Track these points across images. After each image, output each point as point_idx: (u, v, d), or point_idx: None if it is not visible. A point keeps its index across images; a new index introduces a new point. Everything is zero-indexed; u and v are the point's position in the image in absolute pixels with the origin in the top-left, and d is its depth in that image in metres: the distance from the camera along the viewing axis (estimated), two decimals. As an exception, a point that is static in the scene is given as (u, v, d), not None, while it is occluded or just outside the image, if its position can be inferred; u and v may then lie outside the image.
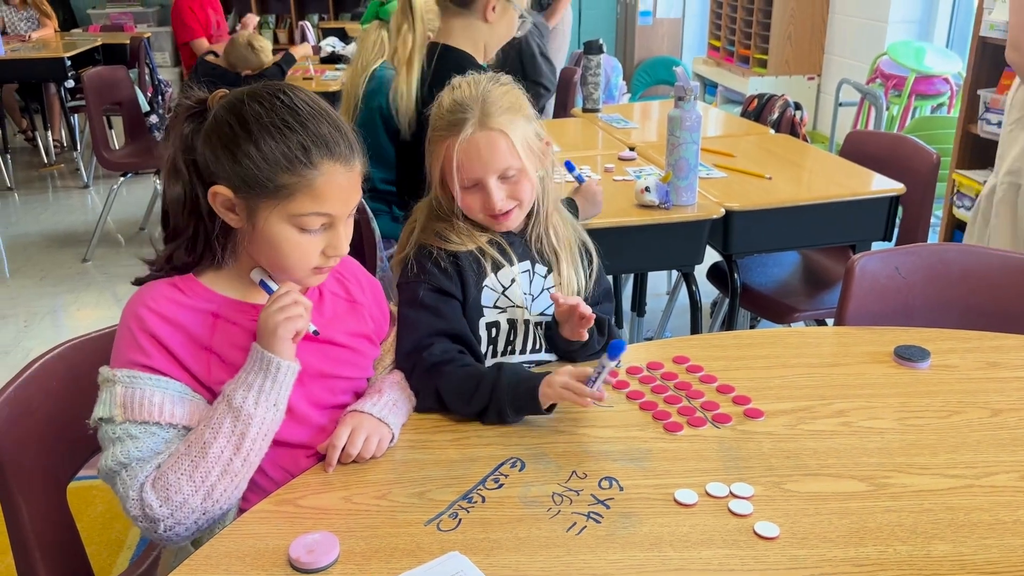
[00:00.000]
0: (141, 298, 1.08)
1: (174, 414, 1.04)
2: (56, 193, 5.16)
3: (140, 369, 1.05)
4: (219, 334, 1.09)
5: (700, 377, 1.32)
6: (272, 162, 1.04)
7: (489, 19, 1.79)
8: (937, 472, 1.09)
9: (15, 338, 3.26)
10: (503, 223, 1.34)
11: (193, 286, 1.11)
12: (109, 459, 1.03)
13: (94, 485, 2.24)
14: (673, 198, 2.05)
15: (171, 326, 1.07)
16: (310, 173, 1.05)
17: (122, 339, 1.07)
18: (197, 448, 1.02)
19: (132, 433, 1.03)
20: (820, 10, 5.19)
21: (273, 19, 7.66)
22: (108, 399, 1.04)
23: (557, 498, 1.04)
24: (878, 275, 1.57)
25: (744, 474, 1.08)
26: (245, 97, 1.07)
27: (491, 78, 1.34)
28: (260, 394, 1.04)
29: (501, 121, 1.28)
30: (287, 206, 1.05)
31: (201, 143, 1.07)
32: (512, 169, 1.30)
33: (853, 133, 2.69)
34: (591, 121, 3.09)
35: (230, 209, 1.07)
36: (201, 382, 1.08)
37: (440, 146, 1.31)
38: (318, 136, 1.05)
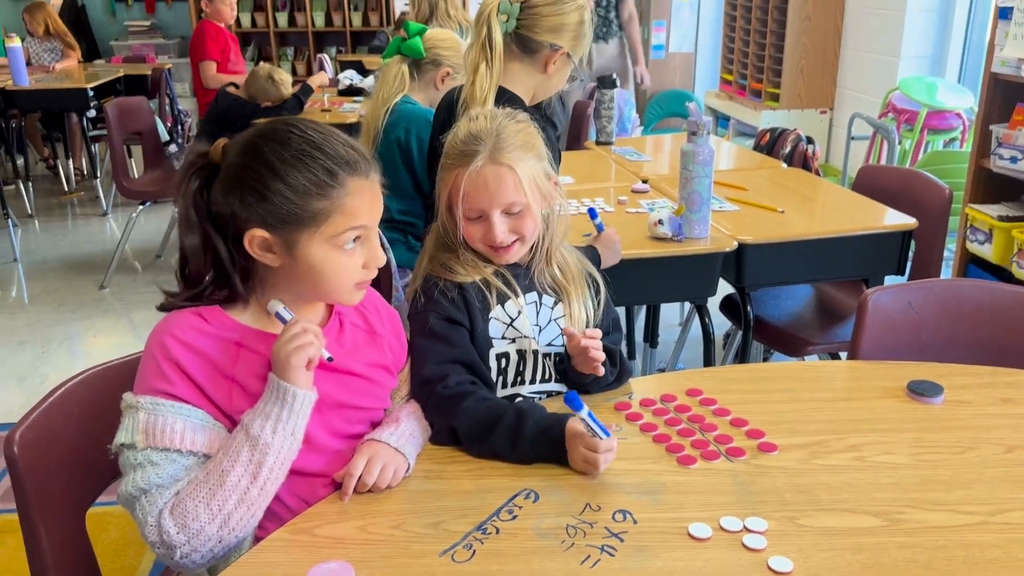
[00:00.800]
0: (166, 326, 1.11)
1: (195, 441, 1.06)
2: (75, 220, 5.23)
3: (163, 396, 1.06)
4: (241, 363, 1.11)
5: (714, 410, 1.33)
6: (303, 192, 1.07)
7: (548, 71, 1.82)
8: (952, 508, 1.09)
9: (32, 364, 3.29)
10: (503, 256, 1.37)
11: (218, 315, 1.13)
12: (129, 485, 1.05)
13: (109, 511, 2.26)
14: (686, 231, 2.07)
15: (194, 354, 1.09)
16: (339, 193, 1.09)
17: (146, 366, 1.09)
18: (215, 476, 1.04)
19: (153, 460, 1.04)
20: (832, 44, 5.23)
21: (291, 52, 7.78)
22: (130, 425, 1.06)
23: (571, 530, 1.05)
24: (891, 310, 1.58)
25: (758, 508, 1.09)
26: (257, 139, 1.10)
27: (508, 114, 1.37)
28: (277, 423, 1.06)
29: (511, 157, 1.31)
30: (324, 230, 1.09)
31: (221, 194, 1.09)
32: (517, 205, 1.33)
33: (865, 167, 2.70)
34: (604, 154, 3.11)
35: (267, 250, 1.10)
36: (223, 410, 1.10)
37: (450, 174, 1.34)
38: (338, 156, 1.10)
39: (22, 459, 1.11)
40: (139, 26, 7.75)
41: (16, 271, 4.33)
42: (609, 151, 3.13)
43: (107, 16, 7.92)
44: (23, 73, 4.93)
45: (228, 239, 1.10)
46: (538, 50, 1.79)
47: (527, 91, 1.85)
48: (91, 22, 7.85)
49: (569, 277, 1.43)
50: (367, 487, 1.11)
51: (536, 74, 1.83)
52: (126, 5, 7.90)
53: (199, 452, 1.06)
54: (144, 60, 6.45)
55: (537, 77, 1.84)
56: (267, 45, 7.55)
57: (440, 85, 2.31)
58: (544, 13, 1.76)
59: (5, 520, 2.27)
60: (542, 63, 1.81)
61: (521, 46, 1.80)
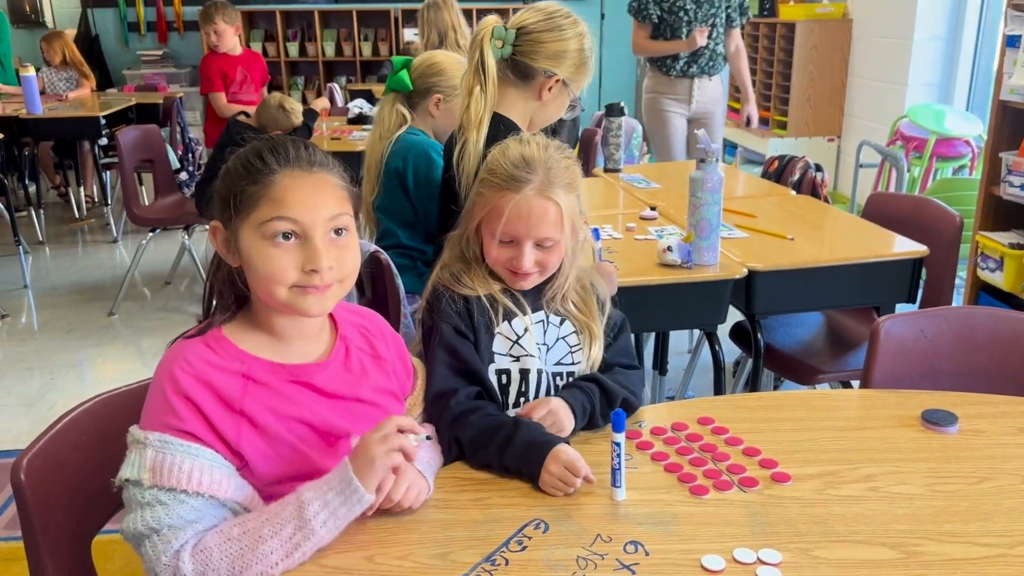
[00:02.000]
0: (174, 357, 1.09)
1: (201, 483, 1.03)
2: (86, 247, 5.25)
3: (172, 433, 1.04)
4: (249, 396, 1.09)
5: (726, 439, 1.31)
6: (235, 175, 1.09)
7: (543, 98, 1.79)
8: (969, 540, 1.07)
9: (40, 390, 3.29)
10: (520, 282, 1.37)
11: (223, 345, 1.12)
12: (138, 523, 1.02)
13: (114, 539, 2.22)
14: (695, 258, 2.06)
15: (204, 387, 1.07)
16: (268, 179, 1.08)
17: (155, 400, 1.07)
18: (250, 537, 1.00)
19: (161, 499, 1.02)
20: (839, 73, 5.26)
21: (302, 81, 7.85)
22: (137, 461, 1.04)
23: (582, 562, 1.03)
24: (904, 338, 1.57)
25: (772, 540, 1.07)
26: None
27: (558, 147, 1.38)
28: (332, 517, 1.02)
29: (558, 192, 1.33)
30: (254, 216, 1.08)
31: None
32: (551, 240, 1.34)
33: (875, 195, 2.70)
34: (613, 181, 3.12)
35: (226, 248, 1.11)
36: (231, 447, 1.07)
37: (493, 193, 1.34)
38: (277, 147, 1.10)
39: (28, 487, 1.11)
40: (151, 55, 7.84)
41: (26, 297, 4.35)
42: (617, 178, 3.13)
43: (120, 45, 8.02)
44: (37, 102, 4.98)
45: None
46: (533, 76, 1.76)
47: (522, 118, 1.82)
48: (104, 51, 7.95)
49: (585, 311, 1.42)
50: (392, 503, 1.09)
51: (531, 101, 1.80)
52: (139, 35, 8.00)
53: (205, 494, 1.03)
54: (156, 89, 6.52)
55: (532, 104, 1.81)
56: (278, 75, 7.62)
57: (435, 111, 2.26)
58: (541, 40, 1.73)
59: (11, 548, 2.26)
60: (537, 90, 1.78)
61: (516, 72, 1.77)
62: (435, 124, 2.29)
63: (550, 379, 1.40)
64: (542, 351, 1.39)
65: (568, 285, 1.42)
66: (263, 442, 1.08)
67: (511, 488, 1.19)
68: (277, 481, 1.09)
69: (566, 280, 1.41)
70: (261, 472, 1.08)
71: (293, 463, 1.10)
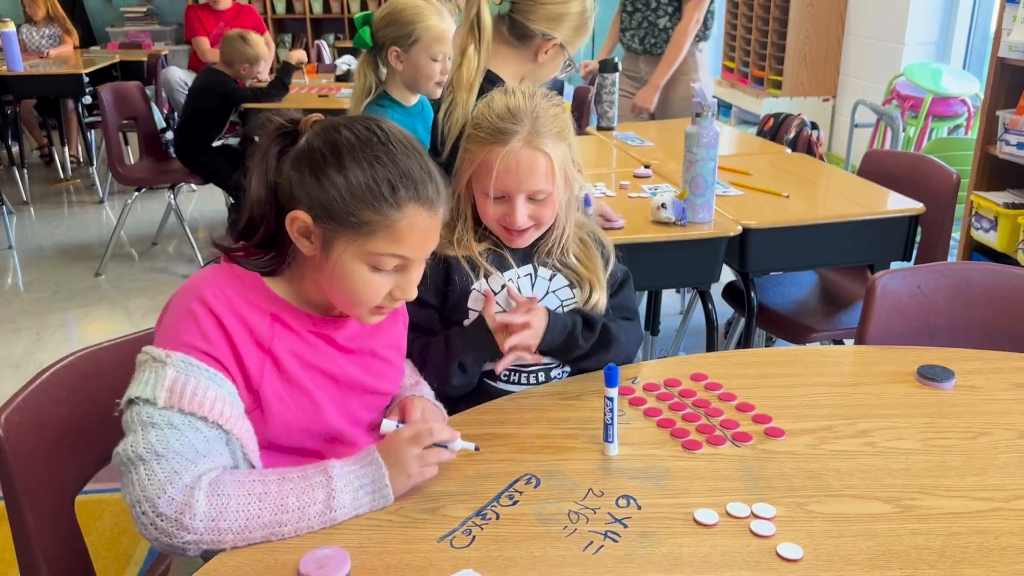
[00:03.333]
0: (206, 281, 1.03)
1: (222, 413, 0.98)
2: (71, 208, 5.18)
3: (199, 356, 0.99)
4: (277, 337, 1.06)
5: (719, 395, 1.30)
6: (358, 196, 1.01)
7: (539, 60, 1.72)
8: (965, 494, 1.06)
9: (27, 351, 3.26)
10: (516, 240, 1.34)
11: (255, 281, 1.07)
12: (139, 444, 0.95)
13: (103, 498, 2.23)
14: (689, 215, 2.03)
15: (235, 318, 1.02)
16: (394, 214, 1.02)
17: (180, 320, 1.01)
18: (272, 502, 0.96)
19: (174, 423, 0.96)
20: (835, 31, 5.18)
21: (289, 39, 7.72)
22: (152, 379, 0.97)
23: (573, 516, 1.02)
24: (900, 294, 1.55)
25: (766, 494, 1.06)
26: (341, 126, 1.04)
27: (545, 95, 1.34)
28: (354, 510, 1.00)
29: (547, 143, 1.28)
30: (365, 243, 1.02)
31: (289, 166, 1.04)
32: (543, 193, 1.30)
33: (871, 153, 2.66)
34: (606, 139, 3.08)
35: (305, 235, 1.04)
36: (251, 385, 1.03)
37: (480, 148, 1.30)
38: (407, 176, 1.02)
39: (8, 442, 1.08)
40: (135, 12, 7.67)
41: (11, 258, 4.29)
42: (611, 136, 3.09)
43: (103, 2, 7.84)
44: (17, 58, 4.87)
45: (280, 211, 1.05)
46: (530, 38, 1.69)
47: (514, 77, 1.75)
48: (87, 8, 7.78)
49: (590, 266, 1.40)
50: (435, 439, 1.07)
51: (526, 62, 1.73)
52: (123, -9, 7.83)
53: (224, 426, 0.98)
54: (140, 46, 6.39)
55: (526, 65, 1.74)
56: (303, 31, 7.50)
57: (398, 64, 2.15)
58: (543, 1, 1.66)
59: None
60: (533, 52, 1.71)
61: (513, 31, 1.69)
62: (403, 78, 2.19)
63: None
64: None
65: (567, 238, 1.39)
66: (282, 386, 1.06)
67: (502, 443, 1.17)
68: (283, 431, 1.07)
69: (563, 233, 1.38)
70: (272, 416, 1.05)
71: (304, 413, 1.08)
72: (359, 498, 1.00)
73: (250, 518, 0.95)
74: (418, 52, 2.13)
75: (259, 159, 1.06)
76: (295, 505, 0.97)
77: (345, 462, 1.02)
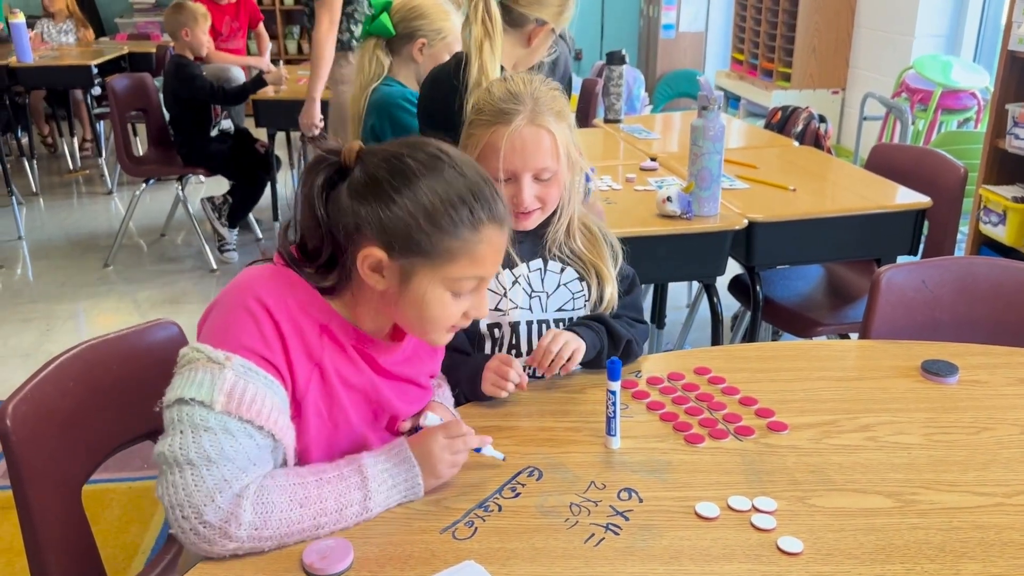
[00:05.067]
0: (263, 283, 1.00)
1: (277, 423, 0.96)
2: (80, 199, 5.20)
3: (258, 361, 0.96)
4: (326, 350, 1.03)
5: (722, 389, 1.30)
6: (436, 223, 0.98)
7: (532, 44, 1.80)
8: (966, 489, 1.06)
9: (37, 341, 3.28)
10: (522, 222, 1.34)
11: (308, 292, 1.03)
12: (189, 448, 0.92)
13: (111, 488, 2.25)
14: (695, 208, 2.03)
15: (291, 324, 0.99)
16: (473, 237, 1.00)
17: (238, 320, 0.97)
18: (313, 507, 0.96)
19: (230, 429, 0.93)
20: (845, 24, 5.16)
21: (297, 30, 7.72)
22: (208, 381, 0.93)
23: (575, 508, 1.02)
24: (905, 288, 1.54)
25: (767, 488, 1.06)
26: (403, 153, 1.01)
27: (542, 80, 1.36)
28: (386, 507, 1.02)
29: (550, 120, 1.30)
30: (448, 270, 1.00)
31: (350, 199, 0.99)
32: (548, 171, 1.31)
33: (879, 146, 2.65)
34: (613, 132, 3.07)
35: (377, 271, 1.00)
36: (297, 393, 1.01)
37: (484, 131, 1.31)
38: (479, 195, 1.01)
39: (15, 431, 1.09)
40: (144, 3, 7.67)
41: (21, 249, 4.31)
42: (617, 129, 3.09)
43: (113, -7, 7.86)
44: (27, 50, 4.89)
45: (346, 242, 1.01)
46: (524, 24, 1.76)
47: (509, 63, 1.80)
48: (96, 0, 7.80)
49: (595, 251, 1.40)
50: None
51: (520, 47, 1.80)
52: (132, -17, 7.84)
53: (277, 436, 0.97)
54: (149, 38, 6.40)
55: (520, 51, 1.80)
56: (273, 23, 7.48)
57: (420, 57, 2.16)
58: None
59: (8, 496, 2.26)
60: (526, 37, 1.78)
61: (508, 19, 1.75)
62: (418, 70, 2.19)
63: (549, 327, 1.37)
64: (540, 299, 1.37)
65: (574, 224, 1.40)
66: (323, 400, 1.04)
67: (504, 436, 1.18)
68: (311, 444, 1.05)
69: (569, 216, 1.39)
70: (307, 429, 1.03)
71: (337, 429, 1.06)
72: (392, 496, 1.02)
73: (291, 524, 0.95)
74: (442, 49, 2.15)
75: (305, 195, 1.02)
76: (334, 508, 0.97)
77: (378, 458, 1.02)
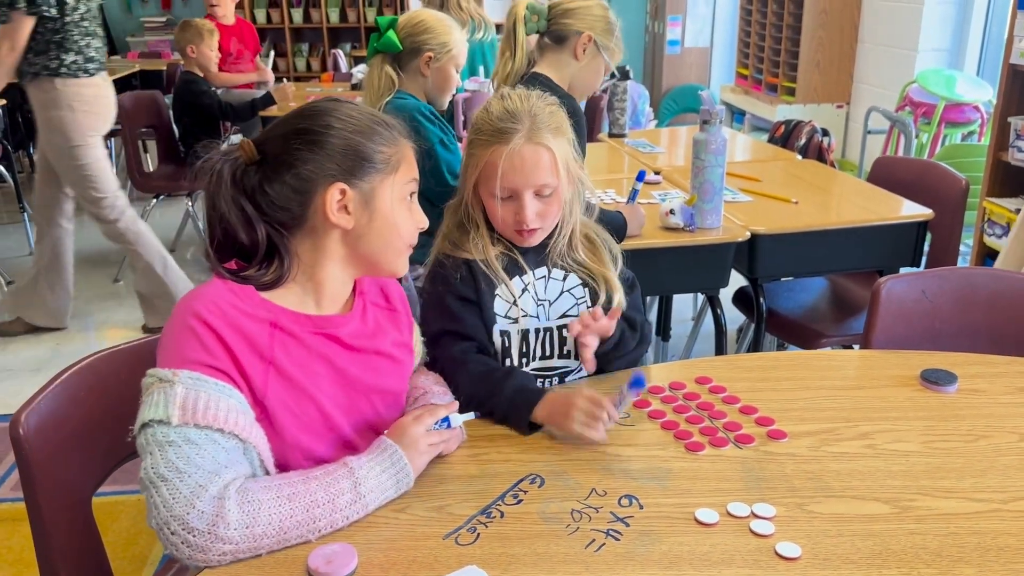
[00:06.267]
0: (200, 298, 1.04)
1: (237, 423, 1.00)
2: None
3: (205, 371, 1.00)
4: (278, 345, 1.07)
5: (723, 398, 1.32)
6: (374, 138, 1.10)
7: (579, 57, 2.06)
8: (963, 496, 1.07)
9: (47, 355, 3.31)
10: (526, 239, 1.37)
11: (248, 293, 1.07)
12: (159, 464, 0.95)
13: (120, 500, 2.27)
14: (698, 221, 2.05)
15: (233, 331, 1.03)
16: (402, 143, 1.13)
17: (181, 338, 1.02)
18: (303, 501, 0.98)
19: (191, 438, 0.97)
20: (848, 39, 5.19)
21: (306, 48, 7.79)
22: (162, 400, 0.98)
23: (576, 515, 1.04)
24: (905, 298, 1.56)
25: (766, 495, 1.07)
26: (304, 112, 1.11)
27: (539, 95, 1.39)
28: (381, 496, 1.04)
29: (548, 137, 1.33)
30: (397, 178, 1.12)
31: (269, 180, 1.06)
32: (548, 188, 1.34)
33: (881, 159, 2.67)
34: (618, 146, 3.10)
35: (344, 209, 1.09)
36: (256, 395, 1.04)
37: (484, 151, 1.34)
38: (385, 119, 1.14)
39: (27, 441, 1.11)
40: (155, 22, 7.76)
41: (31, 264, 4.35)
42: (622, 143, 3.12)
43: (123, 12, 7.95)
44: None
45: (277, 226, 1.07)
46: (568, 37, 2.05)
47: (563, 79, 2.08)
48: (107, 18, 7.90)
49: (599, 258, 1.44)
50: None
51: (570, 61, 2.06)
52: (142, 2, 7.94)
53: (241, 435, 1.00)
54: (160, 56, 6.48)
55: (571, 64, 2.07)
56: (282, 41, 7.56)
57: (427, 70, 2.18)
58: (566, 8, 2.05)
59: (19, 509, 2.29)
60: (572, 51, 2.05)
61: (554, 38, 2.08)
62: (426, 84, 2.23)
63: (554, 334, 1.40)
64: (544, 307, 1.39)
65: (576, 235, 1.42)
66: (288, 394, 1.07)
67: (507, 444, 1.20)
68: (293, 441, 1.08)
69: (570, 230, 1.41)
70: (282, 427, 1.06)
71: (312, 420, 1.09)
72: (383, 481, 1.04)
73: (284, 518, 0.96)
74: (448, 63, 2.18)
75: (216, 189, 1.06)
76: (324, 498, 0.99)
77: (361, 455, 1.06)
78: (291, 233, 1.09)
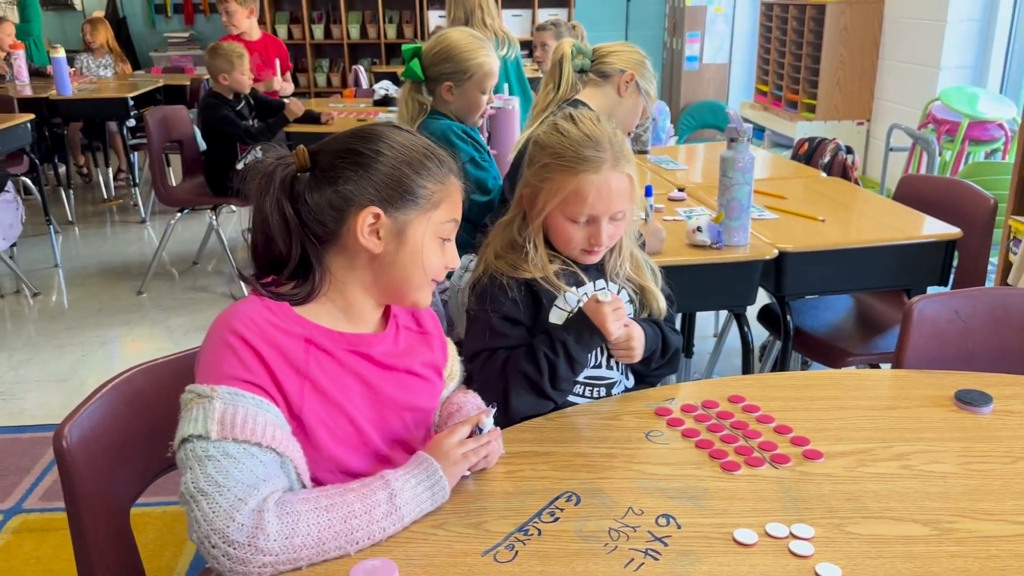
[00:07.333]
0: (238, 315, 1.06)
1: (275, 437, 1.01)
2: (115, 227, 5.31)
3: (243, 386, 1.01)
4: (313, 360, 1.08)
5: (757, 417, 1.31)
6: (421, 172, 1.11)
7: (621, 93, 2.14)
8: (1003, 518, 1.06)
9: (72, 367, 3.34)
10: (592, 257, 1.41)
11: (284, 309, 1.09)
12: (199, 479, 0.96)
13: (148, 512, 2.28)
14: (725, 238, 2.05)
15: (270, 346, 1.05)
16: (448, 182, 1.14)
17: (219, 355, 1.04)
18: (340, 512, 0.99)
19: (230, 453, 0.98)
20: (870, 56, 5.19)
21: (327, 64, 7.86)
22: (201, 416, 0.99)
23: (614, 534, 1.04)
24: (937, 319, 1.55)
25: (804, 515, 1.07)
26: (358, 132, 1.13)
27: (606, 118, 1.43)
28: (417, 508, 1.05)
29: (629, 166, 1.37)
30: (435, 216, 1.13)
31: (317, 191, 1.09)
32: (621, 213, 1.36)
33: (907, 177, 2.67)
34: (640, 162, 3.11)
35: (375, 233, 1.10)
36: (292, 409, 1.06)
37: (569, 177, 1.35)
38: (439, 153, 1.15)
39: (69, 454, 1.12)
40: (178, 37, 7.87)
41: (57, 276, 4.41)
42: (645, 160, 3.12)
43: (147, 27, 8.06)
44: (67, 83, 5.03)
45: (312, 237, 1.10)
46: (611, 75, 2.14)
47: (602, 109, 2.09)
48: (132, 33, 8.00)
49: (641, 273, 1.49)
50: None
51: (612, 95, 2.14)
52: (165, 17, 8.04)
53: (278, 449, 1.01)
54: (183, 71, 6.55)
55: (613, 98, 2.14)
56: (303, 57, 7.64)
57: (449, 97, 2.22)
58: (610, 50, 2.17)
59: (47, 519, 2.30)
60: (615, 87, 2.14)
61: (599, 75, 2.16)
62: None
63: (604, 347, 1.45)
64: None
65: (626, 252, 1.47)
66: (323, 408, 1.08)
67: (542, 461, 1.20)
68: (328, 455, 1.09)
69: (626, 248, 1.46)
70: (317, 440, 1.07)
71: (346, 434, 1.11)
72: (419, 494, 1.05)
73: (322, 529, 0.97)
74: (471, 87, 2.20)
75: (264, 190, 1.09)
76: (361, 509, 1.00)
77: (398, 468, 1.07)
78: (324, 248, 1.11)
